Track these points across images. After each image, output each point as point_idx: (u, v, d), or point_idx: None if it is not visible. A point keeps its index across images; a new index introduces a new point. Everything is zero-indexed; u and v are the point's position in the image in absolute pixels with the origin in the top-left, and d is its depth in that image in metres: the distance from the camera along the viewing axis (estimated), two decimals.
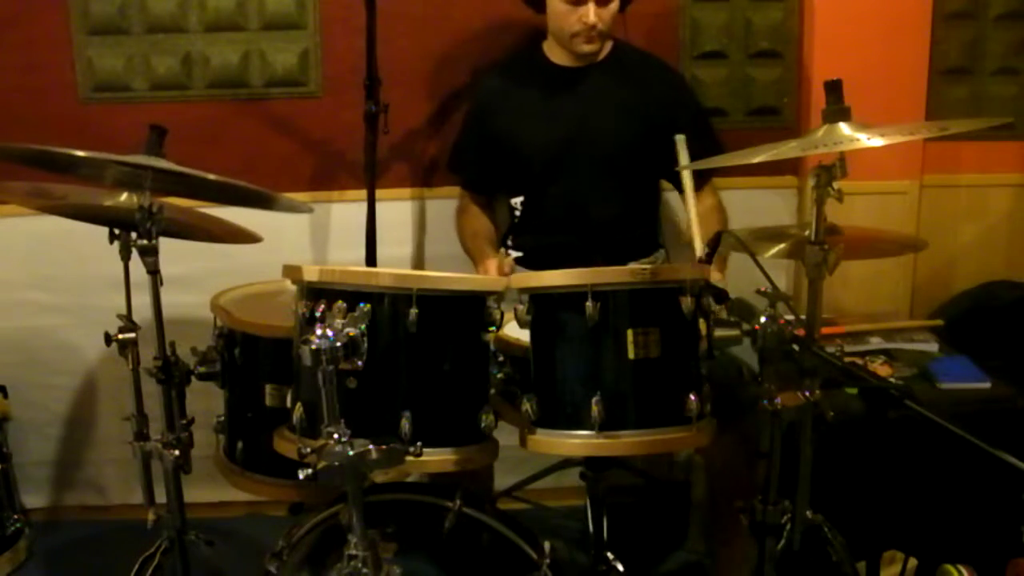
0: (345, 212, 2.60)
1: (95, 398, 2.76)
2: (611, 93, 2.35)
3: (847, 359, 1.53)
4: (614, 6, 2.22)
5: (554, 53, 2.38)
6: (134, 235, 1.69)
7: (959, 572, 2.01)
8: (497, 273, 2.13)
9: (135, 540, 1.86)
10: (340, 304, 1.49)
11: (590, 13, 2.19)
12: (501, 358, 1.79)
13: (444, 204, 2.62)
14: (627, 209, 2.42)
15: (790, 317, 1.52)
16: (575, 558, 2.34)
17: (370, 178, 2.38)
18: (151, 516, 1.80)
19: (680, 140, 2.08)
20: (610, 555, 1.90)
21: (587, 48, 2.27)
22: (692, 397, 1.58)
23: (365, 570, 1.41)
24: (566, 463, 2.35)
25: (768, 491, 1.62)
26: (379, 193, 2.40)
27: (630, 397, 1.58)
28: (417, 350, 1.57)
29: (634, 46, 2.44)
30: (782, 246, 1.85)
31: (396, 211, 2.65)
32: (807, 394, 1.53)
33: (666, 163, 2.15)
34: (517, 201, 2.46)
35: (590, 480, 1.92)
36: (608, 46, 2.37)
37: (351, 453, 1.37)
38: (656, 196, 2.55)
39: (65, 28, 2.54)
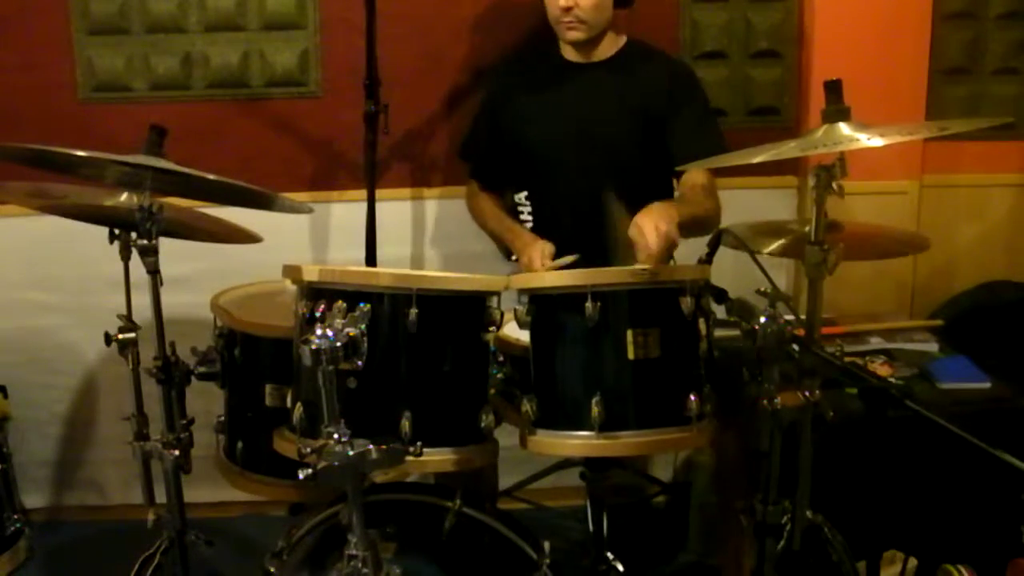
0: (345, 212, 2.60)
1: (95, 398, 2.76)
2: (615, 90, 2.34)
3: (847, 359, 1.52)
4: None
5: (565, 47, 2.37)
6: (134, 235, 1.69)
7: (959, 572, 2.00)
8: (539, 261, 2.10)
9: (135, 540, 1.86)
10: (340, 304, 1.49)
11: None
12: (501, 358, 1.79)
13: (444, 204, 2.62)
14: (632, 207, 2.41)
15: (790, 317, 1.52)
16: (575, 558, 2.34)
17: (370, 178, 2.37)
18: (151, 516, 1.80)
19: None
20: (610, 555, 1.90)
21: (570, 35, 2.25)
22: (692, 397, 1.58)
23: (365, 570, 1.41)
24: (566, 463, 2.35)
25: (768, 491, 1.62)
26: (379, 193, 2.40)
27: (630, 397, 1.58)
28: (417, 350, 1.57)
29: (647, 45, 2.43)
30: (782, 241, 1.84)
31: (396, 211, 2.65)
32: (807, 394, 1.53)
33: (669, 160, 2.14)
34: (521, 196, 2.45)
35: (590, 480, 1.92)
36: (618, 43, 2.35)
37: (351, 453, 1.37)
38: (663, 194, 2.52)
39: (65, 28, 2.54)
